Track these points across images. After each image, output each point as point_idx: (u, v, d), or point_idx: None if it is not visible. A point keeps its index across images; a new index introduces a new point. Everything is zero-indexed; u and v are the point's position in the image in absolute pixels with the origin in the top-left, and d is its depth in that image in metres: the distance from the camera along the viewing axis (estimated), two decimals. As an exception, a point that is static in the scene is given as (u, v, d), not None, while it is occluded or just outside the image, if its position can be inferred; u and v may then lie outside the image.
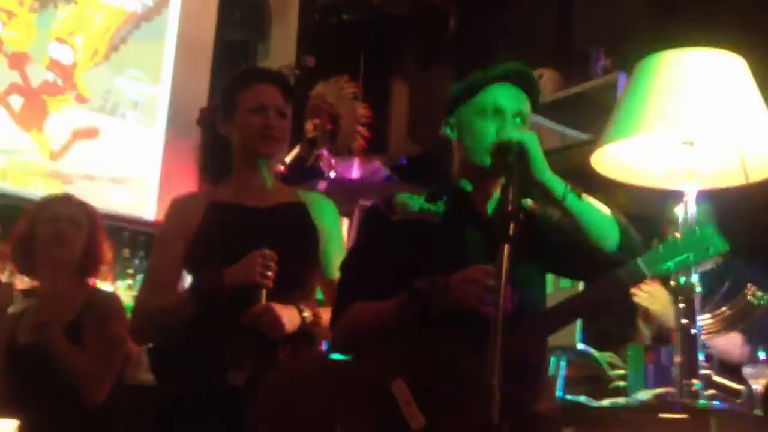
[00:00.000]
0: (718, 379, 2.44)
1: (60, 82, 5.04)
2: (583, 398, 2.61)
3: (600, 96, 4.30)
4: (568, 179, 2.12)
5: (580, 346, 2.99)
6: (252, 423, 2.12)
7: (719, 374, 2.47)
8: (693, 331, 2.28)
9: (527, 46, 4.97)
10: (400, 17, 5.60)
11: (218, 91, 2.77)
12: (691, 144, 2.38)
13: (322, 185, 3.78)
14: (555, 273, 2.42)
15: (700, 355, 2.29)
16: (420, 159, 5.06)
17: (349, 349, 2.26)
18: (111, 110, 5.18)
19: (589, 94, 4.44)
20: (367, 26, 5.64)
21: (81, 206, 3.15)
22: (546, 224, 2.19)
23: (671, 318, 3.02)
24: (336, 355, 2.47)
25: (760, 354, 2.42)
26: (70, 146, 5.00)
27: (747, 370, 2.41)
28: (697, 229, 2.05)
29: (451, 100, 2.25)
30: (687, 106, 2.35)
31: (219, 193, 2.63)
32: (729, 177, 2.52)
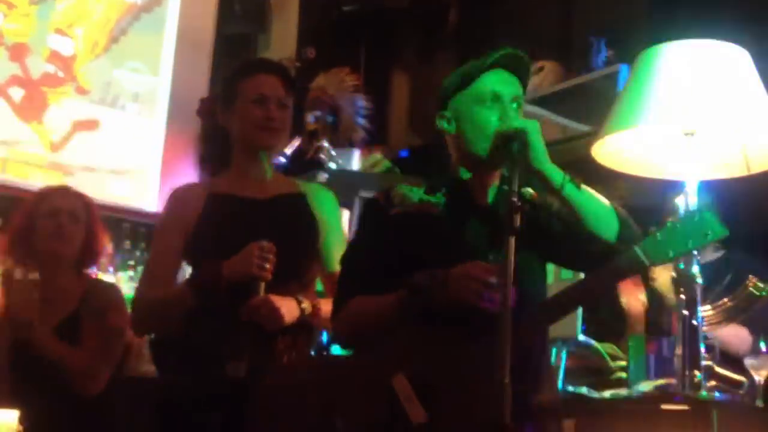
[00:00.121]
0: (720, 370, 2.44)
1: (60, 74, 5.03)
2: (584, 389, 2.60)
3: (601, 88, 4.29)
4: (569, 171, 2.12)
5: (581, 338, 2.99)
6: (253, 418, 2.12)
7: (721, 366, 2.47)
8: (694, 323, 2.28)
9: (528, 37, 4.96)
10: (400, 9, 5.59)
11: (218, 82, 2.76)
12: (693, 135, 2.37)
13: (322, 177, 3.77)
14: (555, 263, 2.41)
15: (702, 347, 2.29)
16: (421, 150, 5.05)
17: (350, 343, 2.27)
18: (111, 102, 5.17)
19: (590, 85, 4.43)
20: (367, 18, 5.63)
21: (79, 198, 3.13)
22: (546, 214, 2.19)
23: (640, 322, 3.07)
24: (337, 349, 2.47)
25: (762, 345, 2.42)
26: (70, 138, 4.99)
27: (749, 362, 2.41)
28: (695, 215, 2.03)
29: (445, 93, 2.24)
30: (689, 98, 2.34)
31: (218, 184, 2.62)
32: (731, 168, 2.51)
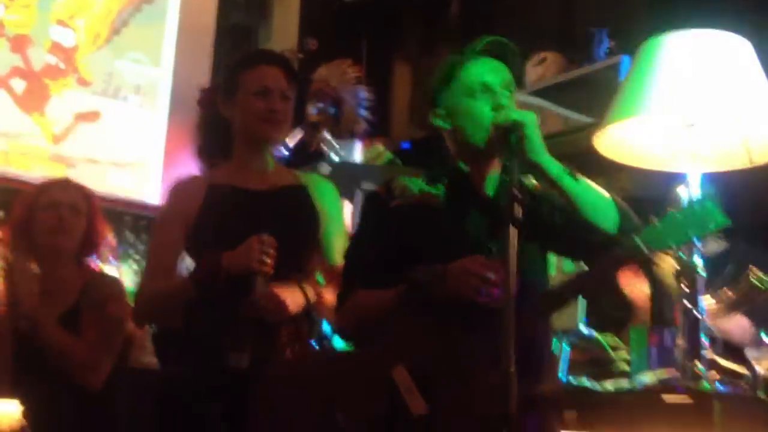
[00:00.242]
0: (722, 361, 2.44)
1: (62, 66, 5.03)
2: (585, 381, 2.61)
3: (603, 79, 4.28)
4: (571, 162, 2.11)
5: (583, 329, 2.98)
6: (255, 410, 2.13)
7: (723, 357, 2.47)
8: (696, 314, 2.28)
9: (530, 28, 4.95)
10: (402, 0, 5.58)
11: (220, 73, 2.75)
12: (695, 126, 2.37)
13: (324, 169, 3.76)
14: (556, 253, 2.41)
15: (703, 338, 2.29)
16: (423, 142, 5.04)
17: (352, 336, 2.28)
18: (113, 93, 5.17)
19: (592, 76, 4.42)
20: (369, 9, 5.62)
21: (79, 191, 3.12)
22: (548, 205, 2.19)
23: (645, 311, 3.06)
24: (339, 340, 2.47)
25: (764, 337, 2.42)
26: (72, 130, 5.00)
27: (751, 353, 2.41)
28: (696, 204, 2.02)
29: (435, 90, 2.24)
30: (691, 89, 2.34)
31: (219, 175, 2.61)
32: (733, 160, 2.51)
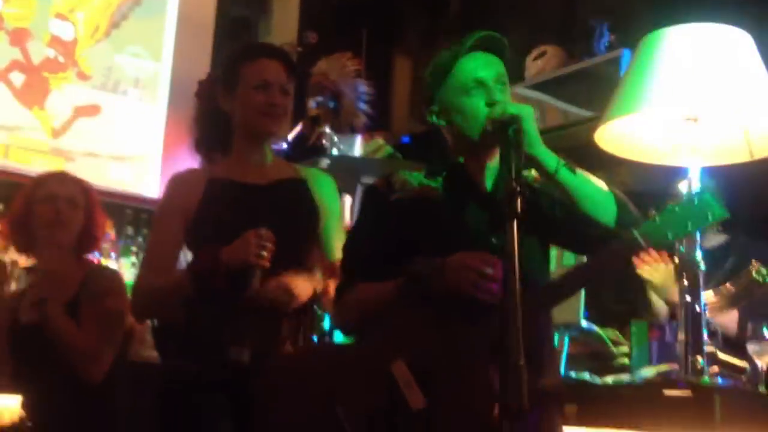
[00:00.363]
0: (723, 356, 2.44)
1: (61, 59, 5.03)
2: (586, 375, 2.61)
3: (604, 73, 4.27)
4: (571, 157, 2.11)
5: (584, 323, 2.99)
6: (256, 407, 2.13)
7: (723, 351, 2.47)
8: (697, 308, 2.27)
9: (531, 21, 4.94)
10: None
11: (219, 67, 2.73)
12: (695, 120, 2.36)
13: (324, 163, 3.76)
14: (558, 245, 2.41)
15: (704, 332, 2.29)
16: (423, 136, 5.04)
17: (351, 330, 2.28)
18: (112, 87, 5.17)
19: (592, 70, 4.41)
20: (369, 2, 5.61)
21: (77, 184, 3.12)
22: (548, 198, 2.18)
23: (671, 291, 3.03)
24: (339, 335, 2.47)
25: (765, 331, 2.42)
26: (71, 123, 4.99)
27: (751, 347, 2.40)
28: (695, 197, 2.01)
29: (428, 87, 2.23)
30: (691, 82, 2.33)
31: (218, 169, 2.61)
32: (733, 154, 2.50)
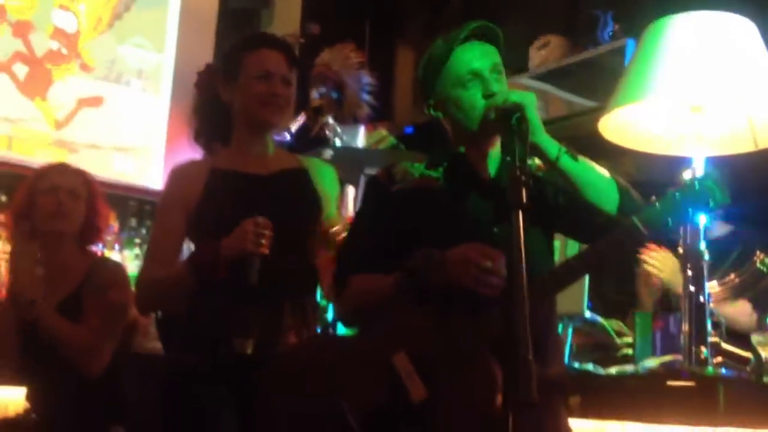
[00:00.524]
0: (726, 346, 2.43)
1: (64, 51, 5.02)
2: (590, 366, 2.61)
3: (608, 62, 4.26)
4: (575, 147, 2.10)
5: (588, 314, 2.98)
6: (259, 399, 2.13)
7: (727, 342, 2.46)
8: (701, 299, 2.27)
9: (534, 11, 4.92)
10: (405, -17, 5.57)
11: (221, 57, 2.72)
12: (700, 110, 2.35)
13: (327, 154, 3.76)
14: (562, 233, 2.41)
15: (708, 323, 2.28)
16: (426, 127, 5.02)
17: (353, 322, 2.28)
18: (115, 79, 5.16)
19: (596, 60, 4.39)
20: (372, -8, 5.60)
21: (79, 175, 3.11)
22: (552, 186, 2.18)
23: (679, 285, 3.02)
24: (342, 328, 2.47)
25: (769, 322, 2.42)
26: (74, 115, 4.99)
27: (755, 338, 2.40)
28: (695, 183, 1.99)
29: (424, 81, 2.23)
30: (696, 72, 2.32)
31: (220, 160, 2.60)
32: (738, 143, 2.49)
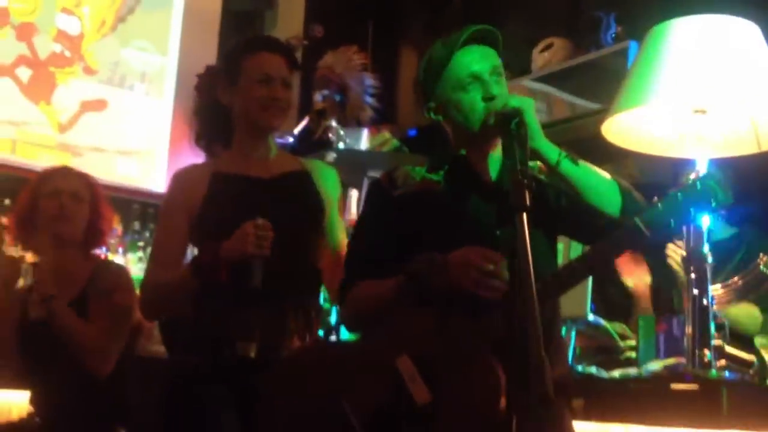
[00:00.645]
0: (730, 349, 2.43)
1: (67, 54, 5.03)
2: (593, 369, 2.60)
3: (611, 65, 4.25)
4: (577, 149, 2.10)
5: (591, 317, 2.97)
6: (262, 402, 2.13)
7: (731, 345, 2.46)
8: (705, 302, 2.26)
9: (537, 13, 4.92)
10: (408, -15, 5.57)
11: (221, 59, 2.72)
12: (703, 112, 2.35)
13: (330, 156, 3.76)
14: (565, 236, 2.41)
15: (712, 326, 2.28)
16: (429, 129, 5.02)
17: (356, 327, 2.28)
18: (119, 82, 5.17)
19: (599, 62, 4.39)
20: (375, -6, 5.61)
21: (81, 178, 3.12)
22: (553, 188, 2.18)
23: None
24: (345, 332, 2.47)
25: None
26: (78, 118, 5.00)
27: (759, 341, 2.40)
28: (697, 183, 1.98)
29: (424, 84, 2.23)
30: (699, 74, 2.32)
31: (222, 163, 2.60)
32: (741, 145, 2.49)
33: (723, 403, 2.06)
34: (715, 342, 2.28)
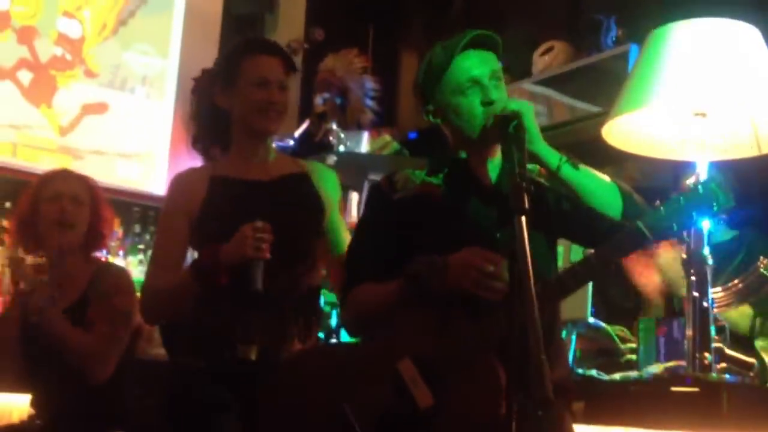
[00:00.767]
0: (730, 352, 2.43)
1: (69, 57, 5.03)
2: (594, 372, 2.60)
3: (611, 68, 4.26)
4: (578, 152, 2.10)
5: (591, 320, 2.97)
6: (263, 405, 2.13)
7: (731, 347, 2.46)
8: (705, 304, 2.26)
9: (537, 16, 4.92)
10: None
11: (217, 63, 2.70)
12: (703, 115, 2.35)
13: (331, 159, 3.77)
14: (566, 239, 2.41)
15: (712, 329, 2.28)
16: (430, 132, 5.02)
17: (357, 330, 2.27)
18: (120, 85, 5.17)
19: (600, 65, 4.39)
20: (376, -2, 5.61)
21: (81, 181, 3.11)
22: (553, 192, 2.18)
23: (684, 287, 3.02)
24: (346, 335, 2.47)
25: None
26: (79, 121, 5.00)
27: (759, 343, 2.40)
28: (699, 187, 1.99)
29: (423, 87, 2.23)
30: (699, 77, 2.32)
31: (220, 167, 2.60)
32: (742, 148, 2.49)
33: (723, 405, 2.06)
34: (716, 345, 2.28)
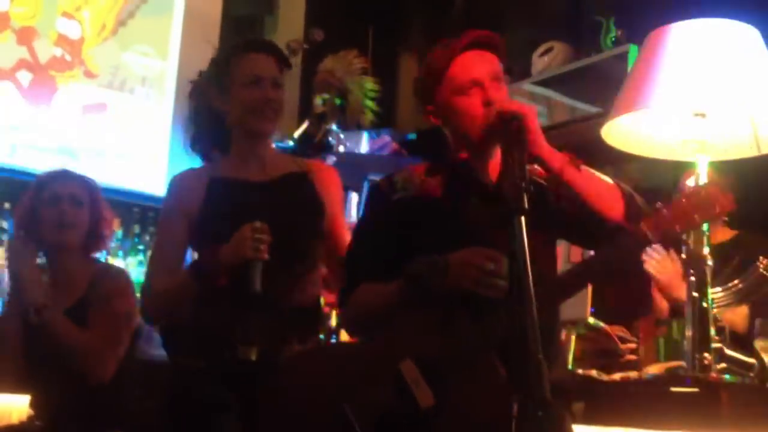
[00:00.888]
0: (730, 352, 2.43)
1: (68, 58, 5.03)
2: (593, 372, 2.60)
3: (611, 68, 4.26)
4: (578, 153, 2.10)
5: (591, 320, 2.97)
6: (263, 406, 2.13)
7: (731, 348, 2.46)
8: (705, 305, 2.26)
9: (537, 17, 4.93)
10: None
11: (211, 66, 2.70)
12: (703, 116, 2.35)
13: (330, 160, 3.77)
14: (567, 240, 2.41)
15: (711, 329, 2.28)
16: (429, 133, 5.02)
17: (357, 331, 2.27)
18: (119, 86, 5.17)
19: (599, 66, 4.40)
20: (375, -1, 5.61)
21: (80, 181, 3.10)
22: (554, 193, 2.18)
23: (677, 289, 3.02)
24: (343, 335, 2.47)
25: (773, 327, 2.41)
26: (79, 122, 5.00)
27: (759, 344, 2.39)
28: (701, 189, 2.00)
29: (424, 88, 2.23)
30: (699, 78, 2.32)
31: (219, 168, 2.60)
32: (741, 149, 2.49)
33: (723, 405, 2.06)
34: (715, 345, 2.28)
